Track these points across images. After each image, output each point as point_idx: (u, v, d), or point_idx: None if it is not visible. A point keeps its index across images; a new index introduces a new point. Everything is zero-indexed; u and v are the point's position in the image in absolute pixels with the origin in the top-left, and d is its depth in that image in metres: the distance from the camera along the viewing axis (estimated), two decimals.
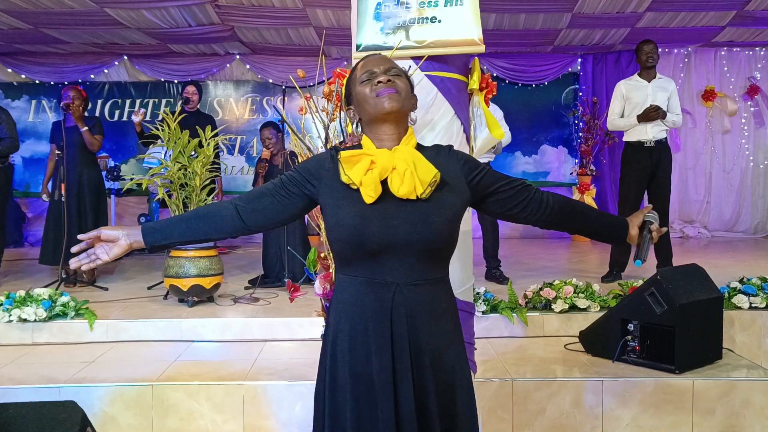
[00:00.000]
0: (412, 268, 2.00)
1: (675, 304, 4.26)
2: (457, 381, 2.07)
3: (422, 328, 2.01)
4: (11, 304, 5.24)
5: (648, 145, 6.40)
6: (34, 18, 8.27)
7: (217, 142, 6.09)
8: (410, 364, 1.99)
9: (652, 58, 6.45)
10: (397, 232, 1.96)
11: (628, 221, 2.25)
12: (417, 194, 1.96)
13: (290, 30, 9.07)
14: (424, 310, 2.02)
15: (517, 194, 2.16)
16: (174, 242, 2.12)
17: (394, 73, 2.09)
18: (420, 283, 2.01)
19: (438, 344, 2.04)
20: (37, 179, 10.14)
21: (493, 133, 3.23)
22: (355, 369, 2.01)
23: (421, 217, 1.97)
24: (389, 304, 1.99)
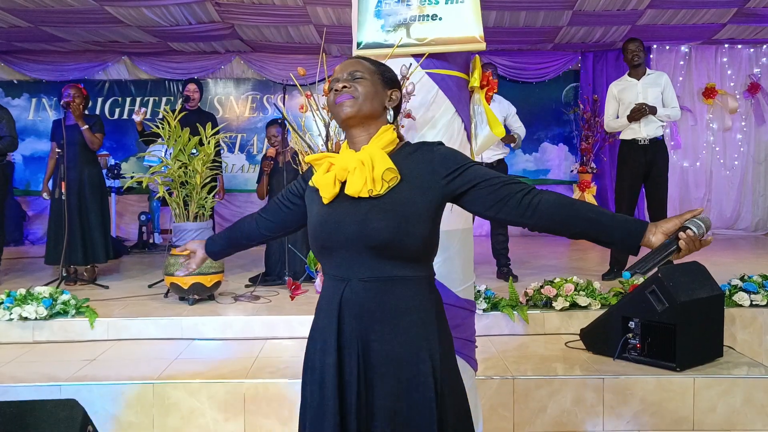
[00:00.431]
0: (365, 265, 2.01)
1: (676, 302, 4.26)
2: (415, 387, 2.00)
3: (373, 326, 2.01)
4: (12, 302, 5.24)
5: (642, 143, 6.40)
6: (34, 16, 8.26)
7: (218, 140, 6.08)
8: (357, 362, 2.00)
9: (638, 56, 6.46)
10: (344, 230, 2.01)
11: (650, 227, 1.91)
12: (368, 191, 1.98)
13: (290, 28, 9.06)
14: (376, 308, 2.01)
15: (494, 193, 2.00)
16: (224, 249, 2.53)
17: (357, 76, 2.09)
18: (372, 280, 2.01)
19: (393, 345, 2.00)
20: (38, 177, 10.13)
21: (493, 131, 3.23)
22: (316, 363, 2.08)
23: (371, 215, 1.98)
24: (339, 298, 2.03)
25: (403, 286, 2.03)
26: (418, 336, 2.02)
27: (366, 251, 1.99)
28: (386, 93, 2.13)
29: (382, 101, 2.11)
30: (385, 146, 2.07)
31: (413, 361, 2.00)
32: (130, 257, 8.77)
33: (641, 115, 6.32)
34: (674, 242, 1.86)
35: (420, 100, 2.96)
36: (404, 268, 2.03)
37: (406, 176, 2.02)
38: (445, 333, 2.11)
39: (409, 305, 2.03)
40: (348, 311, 2.02)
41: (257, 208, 2.57)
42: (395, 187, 2.00)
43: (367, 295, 2.01)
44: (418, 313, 2.04)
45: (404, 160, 2.05)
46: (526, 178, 10.71)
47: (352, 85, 2.07)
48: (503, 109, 6.74)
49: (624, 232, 1.92)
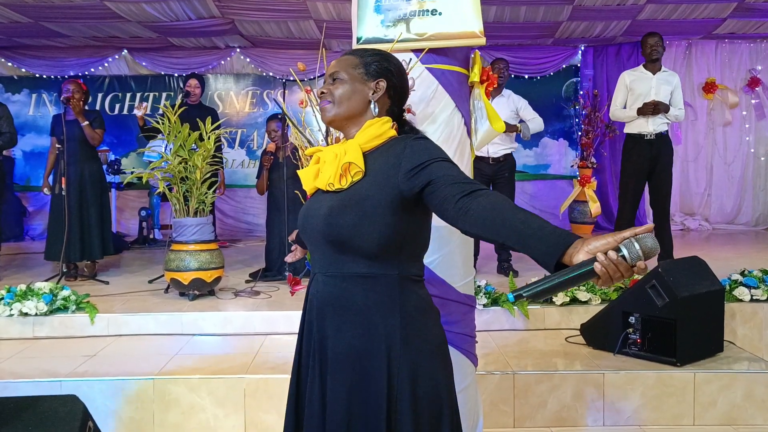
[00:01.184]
0: (328, 259, 2.04)
1: (676, 297, 4.26)
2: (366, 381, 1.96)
3: (330, 323, 2.02)
4: (12, 298, 5.24)
5: (648, 138, 6.39)
6: (34, 11, 8.25)
7: (218, 135, 6.08)
8: (315, 359, 2.05)
9: (657, 51, 6.43)
10: (310, 224, 2.06)
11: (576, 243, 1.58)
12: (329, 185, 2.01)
13: (291, 23, 9.05)
14: (335, 304, 2.01)
15: (439, 192, 1.84)
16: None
17: (336, 77, 2.12)
18: (333, 275, 2.02)
19: (347, 340, 1.98)
20: (38, 173, 10.12)
21: (493, 126, 3.22)
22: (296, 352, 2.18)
23: (334, 210, 1.97)
24: (308, 292, 2.12)
25: (364, 284, 1.99)
26: (375, 332, 1.97)
27: (327, 246, 2.00)
28: (368, 86, 2.10)
29: (363, 97, 2.10)
30: (369, 140, 2.04)
31: (365, 355, 1.96)
32: (131, 253, 8.77)
33: (656, 112, 6.29)
34: (590, 264, 1.52)
35: (420, 96, 2.96)
36: (365, 266, 1.98)
37: (371, 171, 1.98)
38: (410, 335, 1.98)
39: (367, 303, 1.98)
40: (312, 305, 2.07)
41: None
42: (358, 182, 1.98)
43: (327, 290, 2.03)
44: (377, 311, 1.98)
45: (380, 154, 2.02)
46: (526, 173, 10.71)
47: (329, 89, 2.11)
48: (512, 103, 6.72)
49: (545, 246, 1.62)
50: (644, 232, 1.52)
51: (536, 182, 10.79)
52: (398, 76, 2.16)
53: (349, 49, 2.23)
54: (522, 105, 6.78)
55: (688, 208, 10.67)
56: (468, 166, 3.13)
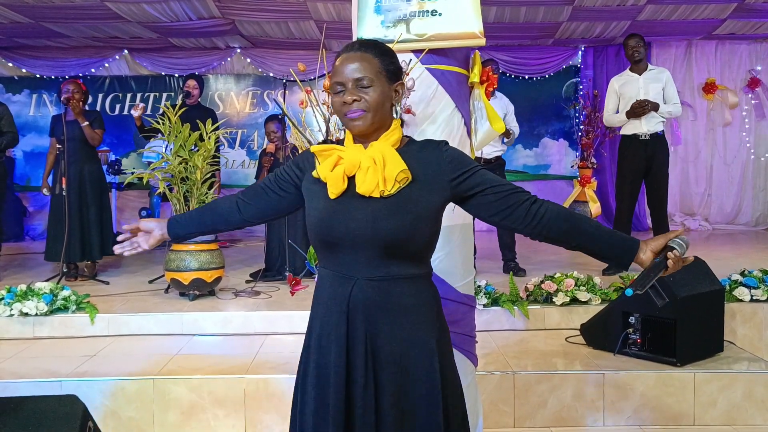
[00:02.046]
0: (372, 263, 2.01)
1: (676, 297, 4.27)
2: (421, 383, 2.02)
3: (380, 325, 2.01)
4: (12, 298, 5.24)
5: (643, 138, 6.40)
6: (34, 12, 8.26)
7: (218, 135, 6.08)
8: (365, 361, 2.00)
9: (638, 52, 6.45)
10: (354, 228, 1.99)
11: (641, 245, 2.05)
12: (380, 192, 1.97)
13: (291, 23, 9.05)
14: (383, 307, 2.01)
15: (500, 201, 2.04)
16: (190, 233, 2.38)
17: (365, 83, 2.01)
18: (380, 279, 2.01)
19: (399, 342, 2.02)
20: (38, 173, 10.11)
21: (493, 126, 3.22)
22: (319, 361, 2.07)
23: (382, 214, 1.97)
24: (347, 298, 2.02)
25: (408, 284, 2.04)
26: (423, 332, 2.04)
27: (374, 250, 1.99)
28: (391, 90, 2.07)
29: (390, 101, 2.08)
30: (393, 144, 2.06)
31: (419, 358, 2.02)
32: None
33: (643, 112, 6.31)
34: (664, 261, 2.03)
35: (420, 96, 2.96)
36: (409, 267, 2.04)
37: (416, 175, 2.01)
38: (444, 330, 2.13)
39: (413, 302, 2.04)
40: (356, 310, 2.01)
41: None
42: (404, 186, 2.00)
43: (374, 294, 2.01)
44: (422, 310, 2.06)
45: (412, 158, 2.04)
46: (526, 173, 10.72)
47: (361, 97, 2.00)
48: (503, 106, 6.74)
49: (619, 250, 2.07)
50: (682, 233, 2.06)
51: (536, 182, 10.79)
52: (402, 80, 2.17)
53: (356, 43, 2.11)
54: (510, 110, 6.80)
55: (688, 208, 10.67)
56: None
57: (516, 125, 6.85)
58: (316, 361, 2.07)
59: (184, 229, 2.36)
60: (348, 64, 2.03)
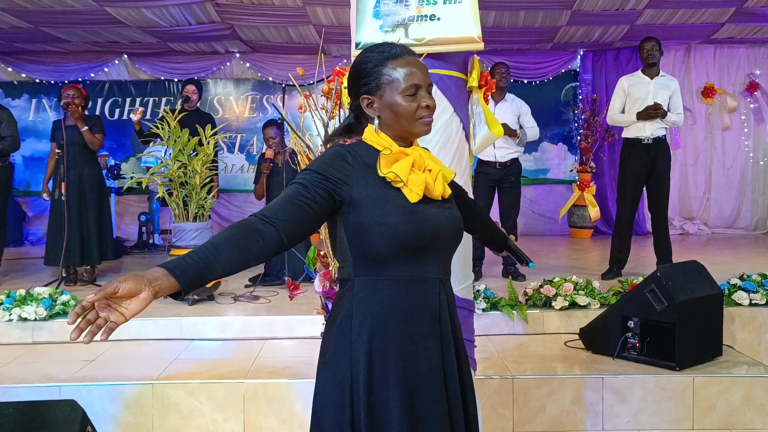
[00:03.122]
0: (445, 263, 2.08)
1: (675, 301, 4.27)
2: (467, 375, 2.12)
3: (456, 322, 2.10)
4: (11, 303, 5.24)
5: (646, 143, 6.39)
6: (34, 17, 8.27)
7: (217, 140, 6.09)
8: (458, 363, 2.05)
9: (653, 56, 6.44)
10: (441, 229, 2.01)
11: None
12: (444, 194, 2.05)
13: (290, 28, 9.06)
14: (453, 304, 2.10)
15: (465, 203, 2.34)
16: (219, 276, 1.87)
17: (431, 90, 2.08)
18: (448, 278, 2.10)
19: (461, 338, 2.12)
20: (38, 178, 10.13)
21: (492, 131, 3.23)
22: (399, 373, 1.93)
23: (453, 215, 2.07)
24: (436, 299, 2.01)
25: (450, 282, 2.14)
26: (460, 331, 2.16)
27: (450, 251, 2.09)
28: None
29: None
30: None
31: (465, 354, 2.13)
32: (130, 257, 8.76)
33: (656, 116, 6.29)
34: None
35: None
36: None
37: None
38: None
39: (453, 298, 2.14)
40: (445, 311, 2.04)
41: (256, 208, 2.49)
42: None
43: (449, 293, 2.09)
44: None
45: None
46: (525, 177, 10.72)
47: (432, 104, 2.04)
48: (516, 107, 6.74)
49: (498, 235, 2.59)
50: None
51: (535, 186, 10.80)
52: None
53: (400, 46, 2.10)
54: (524, 110, 6.79)
55: (687, 213, 10.68)
56: (466, 170, 3.14)
57: (533, 125, 6.82)
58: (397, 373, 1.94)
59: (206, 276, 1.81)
60: (419, 67, 2.03)
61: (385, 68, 2.01)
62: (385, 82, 2.00)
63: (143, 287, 1.67)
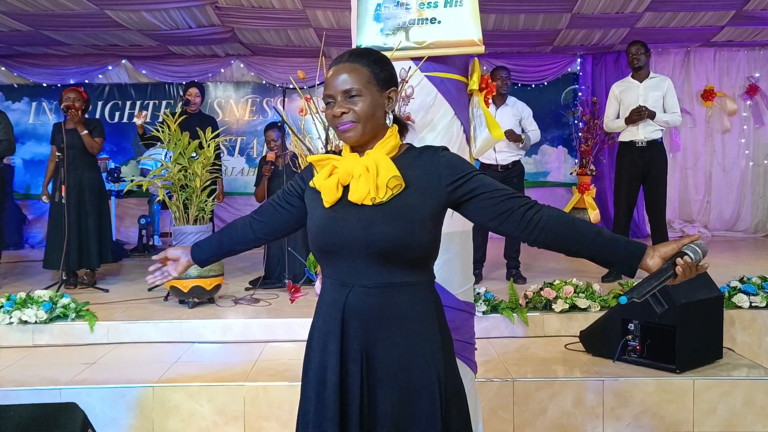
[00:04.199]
0: (368, 271, 2.00)
1: (675, 304, 4.27)
2: (420, 394, 2.00)
3: (378, 334, 2.00)
4: (12, 306, 5.24)
5: (640, 145, 6.42)
6: (34, 20, 8.27)
7: (218, 143, 6.09)
8: (360, 369, 1.99)
9: (638, 59, 6.47)
10: (348, 236, 1.99)
11: (648, 250, 1.92)
12: (372, 199, 1.97)
13: (290, 31, 9.07)
14: (381, 315, 2.00)
15: (496, 206, 1.99)
16: (212, 256, 2.40)
17: (354, 94, 2.01)
18: (376, 286, 2.00)
19: (397, 351, 2.00)
20: (38, 181, 10.11)
21: (492, 134, 3.23)
22: (318, 368, 2.06)
23: (375, 221, 1.97)
24: (342, 305, 2.02)
25: (406, 292, 2.02)
26: (422, 342, 2.02)
27: (369, 257, 1.98)
28: (384, 97, 2.07)
29: (382, 109, 2.07)
30: (390, 151, 2.05)
31: (418, 367, 2.00)
32: (130, 260, 8.76)
33: (639, 118, 6.33)
34: (671, 268, 1.87)
35: (419, 103, 2.97)
36: (407, 274, 2.01)
37: (411, 182, 2.00)
38: (447, 337, 2.11)
39: (412, 311, 2.02)
40: (352, 317, 2.00)
41: None
42: (400, 193, 1.98)
43: (370, 302, 2.00)
44: (421, 319, 2.03)
45: (409, 164, 2.03)
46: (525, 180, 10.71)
47: (350, 108, 2.01)
48: (517, 111, 6.76)
49: (623, 255, 1.93)
50: (698, 239, 1.90)
51: (535, 189, 10.79)
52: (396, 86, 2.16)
53: (345, 54, 2.10)
54: (525, 114, 6.81)
55: (687, 215, 10.67)
56: None
57: (535, 128, 6.84)
58: (315, 369, 2.06)
59: (206, 254, 2.39)
60: (337, 76, 2.04)
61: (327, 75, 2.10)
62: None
63: (181, 255, 2.40)
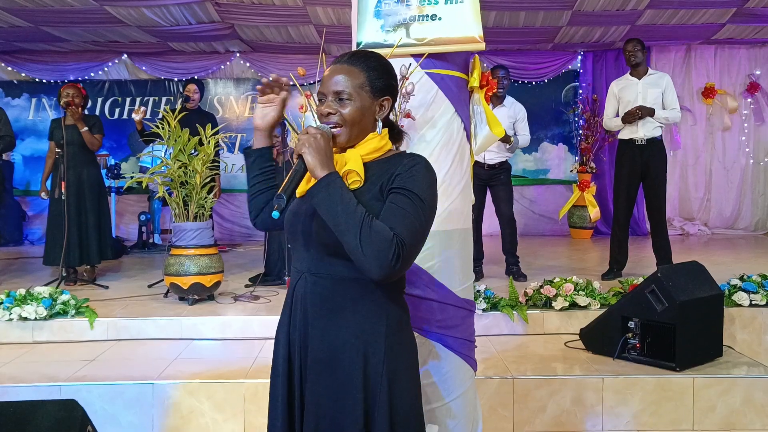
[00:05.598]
0: (316, 261, 2.04)
1: (675, 302, 4.27)
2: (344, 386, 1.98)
3: (315, 322, 2.02)
4: (12, 302, 5.24)
5: (639, 143, 6.40)
6: (34, 16, 8.27)
7: (218, 140, 6.08)
8: (299, 360, 2.05)
9: (635, 56, 6.46)
10: (298, 225, 2.08)
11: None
12: None
13: (290, 28, 9.06)
14: (321, 305, 2.02)
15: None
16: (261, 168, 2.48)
17: (344, 97, 2.02)
18: (322, 276, 2.03)
19: (329, 342, 2.00)
20: (37, 177, 10.07)
21: (493, 131, 3.23)
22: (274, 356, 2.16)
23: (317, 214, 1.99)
24: (292, 290, 2.09)
25: (350, 287, 2.00)
26: (360, 338, 1.99)
27: (315, 247, 2.03)
28: (375, 104, 2.07)
29: (371, 116, 2.08)
30: (369, 152, 2.05)
31: (346, 360, 1.98)
32: (130, 257, 8.76)
33: (634, 119, 6.31)
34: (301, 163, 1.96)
35: (419, 100, 2.96)
36: (355, 270, 1.93)
37: (372, 180, 2.00)
38: (398, 345, 2.04)
39: (356, 307, 2.00)
40: (298, 305, 2.06)
41: None
42: (356, 189, 1.98)
43: (314, 290, 2.03)
44: (365, 317, 2.00)
45: (379, 167, 2.03)
46: (525, 177, 10.72)
47: (337, 110, 2.02)
48: (513, 113, 6.75)
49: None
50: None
51: (536, 187, 10.80)
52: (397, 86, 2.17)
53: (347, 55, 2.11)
54: (520, 116, 6.81)
55: (687, 213, 10.68)
56: (467, 170, 3.14)
57: (526, 133, 6.84)
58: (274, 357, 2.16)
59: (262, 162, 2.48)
60: (332, 76, 2.06)
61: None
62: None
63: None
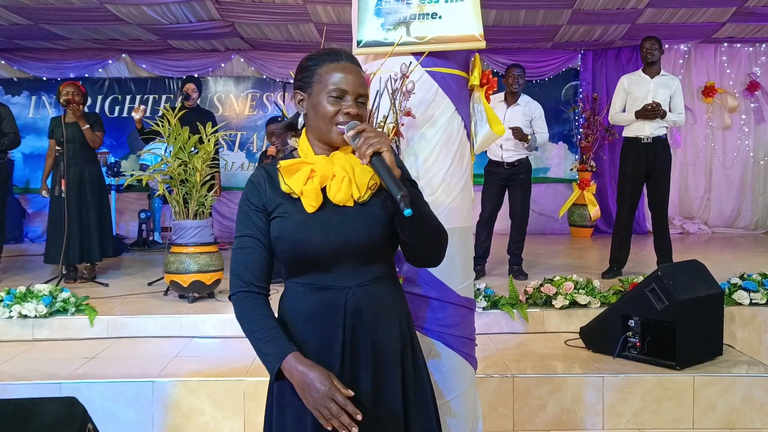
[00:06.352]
0: (359, 270, 2.02)
1: (676, 300, 4.27)
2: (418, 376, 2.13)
3: (379, 326, 2.03)
4: (12, 300, 5.24)
5: (645, 142, 6.38)
6: (34, 14, 8.26)
7: (218, 138, 6.08)
8: (370, 361, 2.01)
9: (652, 54, 6.43)
10: (337, 239, 1.98)
11: None
12: (355, 200, 1.99)
13: (290, 26, 9.06)
14: (377, 309, 2.04)
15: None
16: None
17: (363, 101, 2.03)
18: (367, 283, 2.03)
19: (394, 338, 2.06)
20: (37, 175, 10.09)
21: (493, 129, 3.22)
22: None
23: (359, 222, 1.99)
24: (342, 309, 2.00)
25: (389, 284, 2.11)
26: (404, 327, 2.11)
27: (360, 256, 2.00)
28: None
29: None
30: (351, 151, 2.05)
31: (406, 347, 2.10)
32: (130, 255, 8.77)
33: (654, 116, 6.28)
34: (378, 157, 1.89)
35: (420, 99, 2.96)
36: (386, 268, 2.11)
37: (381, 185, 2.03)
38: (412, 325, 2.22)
39: (394, 300, 2.12)
40: (354, 319, 2.00)
41: None
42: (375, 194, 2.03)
43: (366, 299, 2.01)
44: (400, 306, 2.14)
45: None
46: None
47: (359, 114, 2.01)
48: (529, 111, 6.76)
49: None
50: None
51: (536, 185, 10.72)
52: None
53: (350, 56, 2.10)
54: (537, 114, 6.80)
55: (688, 212, 10.68)
56: (467, 169, 3.13)
57: (544, 131, 6.85)
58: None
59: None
60: (352, 74, 2.02)
61: (321, 68, 2.03)
62: (316, 80, 2.03)
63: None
